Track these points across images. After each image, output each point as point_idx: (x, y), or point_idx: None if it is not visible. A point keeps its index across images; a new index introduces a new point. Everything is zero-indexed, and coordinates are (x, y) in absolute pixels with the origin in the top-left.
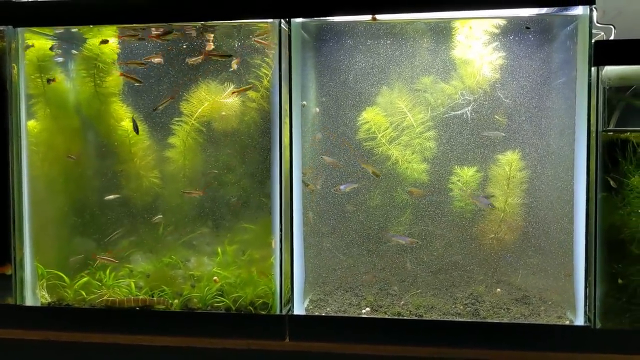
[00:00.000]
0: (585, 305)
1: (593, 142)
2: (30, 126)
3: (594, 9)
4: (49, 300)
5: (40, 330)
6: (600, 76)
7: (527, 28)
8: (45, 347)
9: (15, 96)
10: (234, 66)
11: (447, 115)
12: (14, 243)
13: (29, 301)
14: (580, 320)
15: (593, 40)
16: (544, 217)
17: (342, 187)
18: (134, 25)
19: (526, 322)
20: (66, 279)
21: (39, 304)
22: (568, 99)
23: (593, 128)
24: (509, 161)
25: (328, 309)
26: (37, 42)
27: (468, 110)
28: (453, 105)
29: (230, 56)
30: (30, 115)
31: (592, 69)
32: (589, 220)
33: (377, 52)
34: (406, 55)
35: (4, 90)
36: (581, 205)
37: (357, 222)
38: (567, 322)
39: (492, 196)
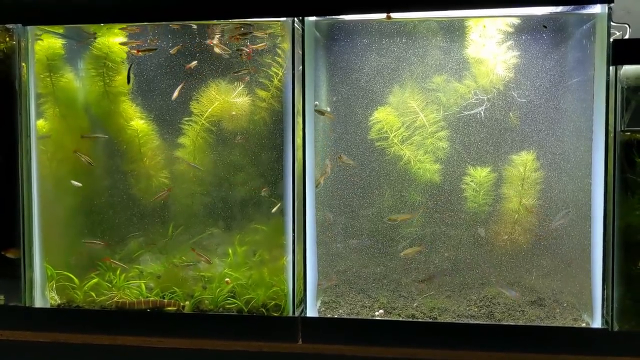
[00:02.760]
0: (602, 307)
1: (611, 142)
2: (39, 125)
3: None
4: (59, 301)
5: (49, 332)
6: (618, 75)
7: (545, 27)
8: (55, 349)
9: (24, 95)
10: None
11: (460, 115)
12: (23, 243)
13: (38, 302)
14: (597, 323)
15: (611, 39)
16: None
17: (344, 158)
18: (146, 23)
19: (543, 324)
20: (75, 280)
21: (48, 306)
22: (584, 99)
23: (611, 128)
24: (524, 162)
25: (340, 310)
26: (47, 41)
27: (481, 110)
28: (466, 104)
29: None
30: (39, 115)
31: (611, 68)
32: (606, 221)
33: (389, 51)
34: (419, 54)
35: (13, 89)
36: (599, 206)
37: (368, 224)
38: (584, 325)
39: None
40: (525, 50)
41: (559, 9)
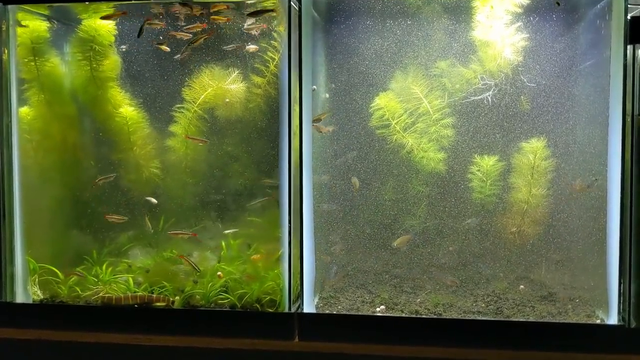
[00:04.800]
0: (619, 303)
1: (628, 127)
2: (22, 113)
3: None
4: (42, 296)
5: (31, 328)
6: (636, 55)
7: (558, 4)
8: (38, 347)
9: (5, 80)
10: None
11: (466, 101)
12: (4, 236)
13: (19, 298)
14: (613, 319)
15: (629, 17)
16: (572, 209)
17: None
18: (133, 2)
19: (555, 320)
20: (60, 274)
21: (30, 301)
22: (598, 82)
23: (628, 112)
24: (534, 149)
25: (340, 306)
26: (31, 23)
27: (489, 95)
28: (472, 90)
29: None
30: (22, 102)
31: (628, 48)
32: (623, 211)
33: (391, 34)
34: (422, 37)
35: None
36: (615, 195)
37: (370, 215)
38: (598, 321)
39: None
40: (535, 32)
41: None
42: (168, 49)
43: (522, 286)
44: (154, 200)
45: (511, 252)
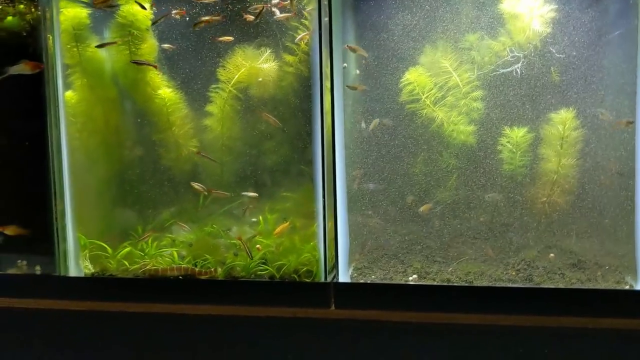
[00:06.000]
0: None
1: None
2: (67, 97)
3: None
4: (92, 270)
5: (84, 300)
6: None
7: None
8: (89, 318)
9: (51, 66)
10: None
11: (495, 74)
12: (56, 215)
13: (72, 272)
14: None
15: None
16: (601, 178)
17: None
18: None
19: (584, 287)
20: (109, 249)
21: (82, 275)
22: (626, 52)
23: None
24: (563, 120)
25: (373, 276)
26: (72, 10)
27: (517, 67)
28: (501, 62)
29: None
30: (67, 86)
31: None
32: None
33: (420, 9)
34: (451, 11)
35: (40, 61)
36: None
37: (400, 188)
38: (627, 287)
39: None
40: (563, 3)
41: None
42: (231, 39)
43: (551, 254)
44: (252, 194)
45: (541, 221)
